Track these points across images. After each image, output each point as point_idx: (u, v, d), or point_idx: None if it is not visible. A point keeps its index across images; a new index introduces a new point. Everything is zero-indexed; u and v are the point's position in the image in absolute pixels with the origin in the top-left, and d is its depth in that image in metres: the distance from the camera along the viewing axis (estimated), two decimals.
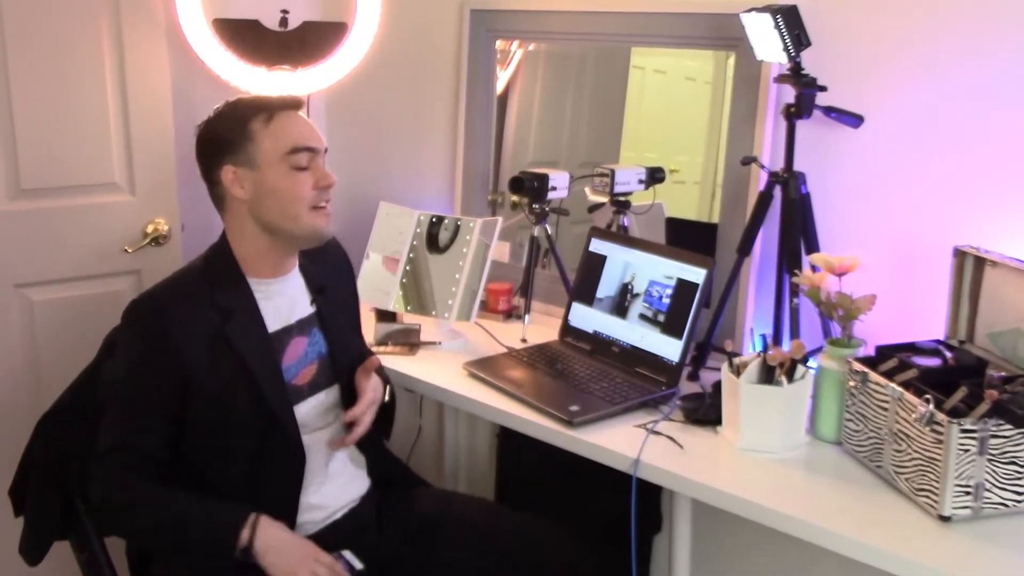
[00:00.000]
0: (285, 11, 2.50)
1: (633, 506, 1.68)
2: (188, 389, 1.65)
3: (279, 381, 1.72)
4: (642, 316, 2.02)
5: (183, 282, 1.73)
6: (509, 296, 2.43)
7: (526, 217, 2.34)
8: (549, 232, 2.34)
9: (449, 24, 2.61)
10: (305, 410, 1.77)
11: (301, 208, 1.69)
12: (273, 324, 1.74)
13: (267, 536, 1.59)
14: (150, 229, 2.43)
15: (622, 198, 2.28)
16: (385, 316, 2.35)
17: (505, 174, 2.60)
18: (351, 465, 1.86)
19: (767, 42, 1.83)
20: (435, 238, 2.35)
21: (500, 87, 2.62)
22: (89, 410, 1.77)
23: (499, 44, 2.56)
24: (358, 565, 1.69)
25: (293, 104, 1.74)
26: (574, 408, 1.82)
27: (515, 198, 2.42)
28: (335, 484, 1.81)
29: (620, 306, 2.08)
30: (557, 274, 2.38)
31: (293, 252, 1.79)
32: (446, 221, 2.35)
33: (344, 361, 1.84)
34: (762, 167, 1.96)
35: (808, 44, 1.80)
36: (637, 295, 2.05)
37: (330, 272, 1.89)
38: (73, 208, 2.33)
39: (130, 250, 2.38)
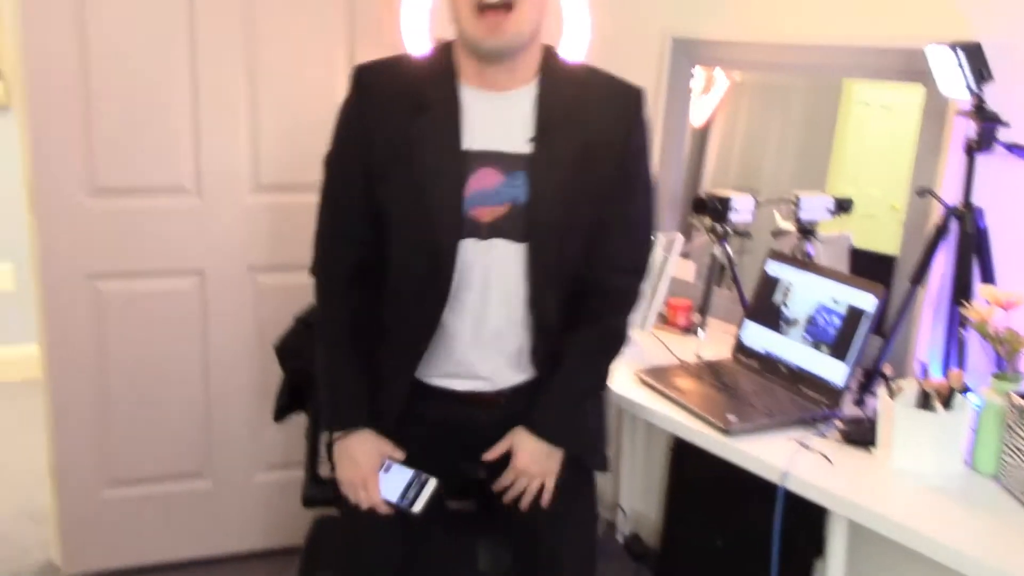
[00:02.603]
0: None
1: (778, 517, 1.75)
2: (371, 163, 1.63)
3: (455, 202, 1.59)
4: (811, 339, 2.07)
5: (405, 59, 1.69)
6: (688, 312, 2.52)
7: (708, 238, 2.43)
8: (730, 253, 2.42)
9: (651, 50, 2.74)
10: (474, 251, 1.62)
11: (463, 8, 1.53)
12: (471, 142, 1.60)
13: (346, 445, 1.71)
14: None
15: (808, 225, 2.33)
16: None
17: None
18: (514, 339, 1.69)
19: (950, 76, 1.85)
20: None
21: (703, 113, 2.72)
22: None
23: (700, 70, 2.67)
24: (417, 508, 1.69)
25: None
26: (732, 418, 1.90)
27: (699, 221, 2.52)
28: (483, 351, 1.69)
29: (791, 328, 2.13)
30: (736, 294, 2.46)
31: (482, 62, 1.59)
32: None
33: (544, 221, 1.61)
34: (938, 200, 1.98)
35: (990, 79, 1.81)
36: (808, 318, 2.10)
37: (596, 115, 1.63)
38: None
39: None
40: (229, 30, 2.48)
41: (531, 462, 1.71)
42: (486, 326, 1.67)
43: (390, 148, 1.61)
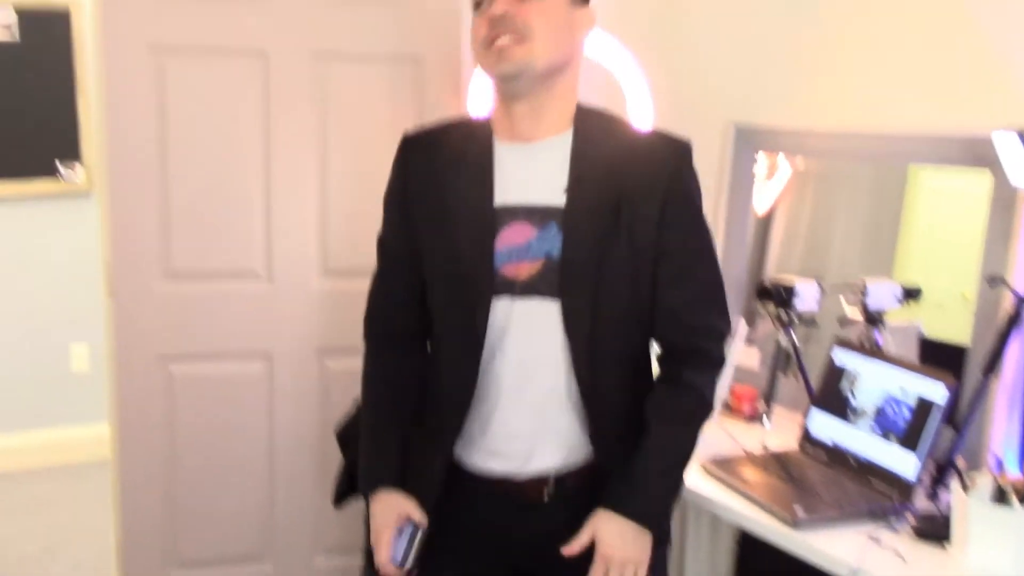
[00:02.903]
0: None
1: None
2: (413, 229, 1.65)
3: (486, 259, 1.56)
4: (880, 430, 2.03)
5: (450, 123, 1.70)
6: (753, 400, 2.49)
7: (773, 325, 2.41)
8: (795, 340, 2.39)
9: (714, 139, 2.76)
10: (508, 311, 1.57)
11: (477, 49, 1.55)
12: (503, 196, 1.57)
13: (371, 506, 1.68)
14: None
15: (876, 314, 2.30)
16: None
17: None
18: (559, 412, 1.60)
19: (1018, 163, 1.83)
20: None
21: (766, 199, 2.72)
22: None
23: (763, 157, 2.68)
24: (407, 563, 1.64)
25: None
26: (799, 510, 1.85)
27: (763, 308, 2.50)
28: (524, 423, 1.60)
29: (859, 418, 2.09)
30: (802, 382, 2.42)
31: (508, 105, 1.57)
32: None
33: (577, 276, 1.54)
34: (1010, 288, 1.94)
35: None
36: (877, 408, 2.06)
37: (635, 167, 1.57)
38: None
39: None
40: (302, 120, 2.57)
41: (620, 548, 1.54)
42: (526, 394, 1.59)
43: (427, 211, 1.62)
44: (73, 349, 4.25)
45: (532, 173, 1.57)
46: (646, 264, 1.57)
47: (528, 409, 1.60)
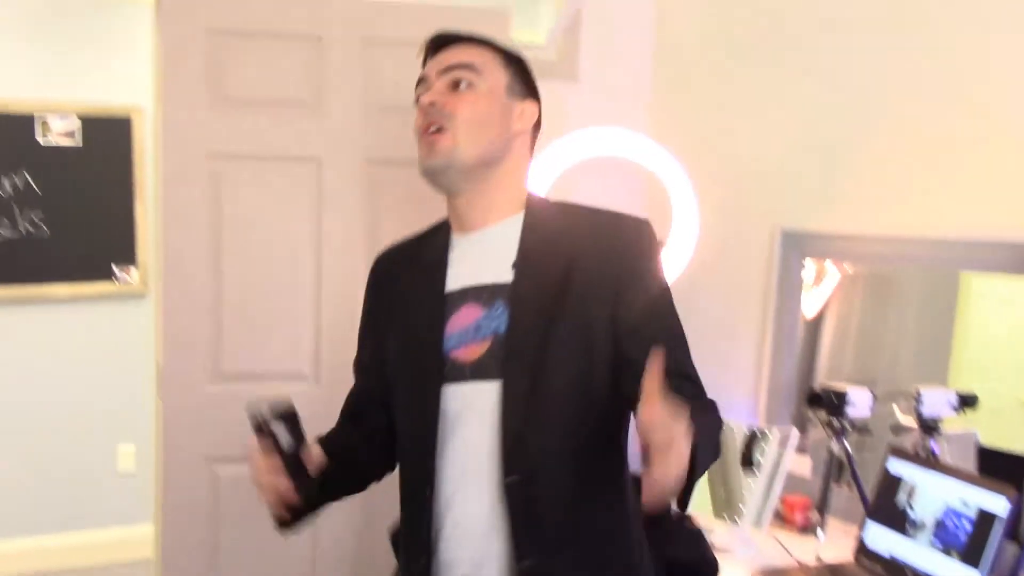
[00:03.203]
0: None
1: None
2: (376, 325, 1.67)
3: (435, 344, 1.51)
4: (940, 544, 1.96)
5: (419, 233, 1.71)
6: (806, 510, 2.43)
7: (824, 432, 2.37)
8: (848, 449, 2.34)
9: (761, 244, 2.76)
10: (459, 396, 1.50)
11: (416, 139, 1.55)
12: (455, 283, 1.55)
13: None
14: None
15: (931, 422, 2.25)
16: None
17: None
18: (482, 509, 1.49)
19: None
20: (750, 450, 2.42)
21: (814, 306, 2.70)
22: None
23: (811, 262, 2.67)
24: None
25: (447, 40, 1.59)
26: None
27: (814, 415, 2.45)
28: (474, 522, 1.49)
29: (917, 531, 2.03)
30: (856, 492, 2.36)
31: (450, 200, 1.58)
32: (764, 435, 2.41)
33: (520, 352, 1.47)
34: None
35: None
36: (936, 521, 1.99)
37: (586, 243, 1.52)
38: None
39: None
40: (352, 223, 2.62)
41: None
42: (472, 488, 1.50)
43: (388, 316, 1.63)
44: (120, 449, 4.28)
45: (483, 257, 1.55)
46: (601, 340, 1.48)
47: (476, 505, 1.49)
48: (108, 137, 4.18)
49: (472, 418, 1.49)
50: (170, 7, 2.51)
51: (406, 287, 1.61)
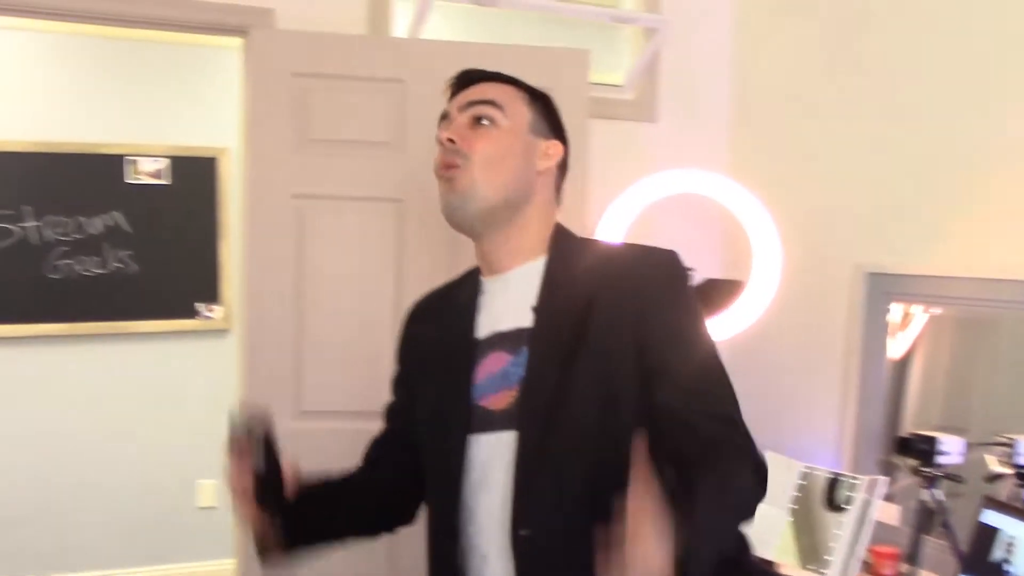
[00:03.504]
0: (691, 268, 2.76)
1: None
2: (407, 373, 1.61)
3: (459, 392, 1.44)
4: None
5: (455, 277, 1.64)
6: (895, 561, 2.35)
7: (915, 481, 2.29)
8: (940, 498, 2.26)
9: (844, 286, 2.71)
10: (486, 446, 1.42)
11: (437, 179, 1.49)
12: (483, 329, 1.48)
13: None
14: None
15: None
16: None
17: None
18: (498, 562, 1.39)
19: None
20: (833, 496, 2.36)
21: (900, 348, 2.64)
22: None
23: (898, 306, 2.60)
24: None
25: (474, 77, 1.54)
26: None
27: (902, 460, 2.38)
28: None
29: None
30: (948, 543, 2.27)
31: (477, 243, 1.51)
32: (845, 480, 2.36)
33: (536, 401, 1.38)
34: None
35: None
36: None
37: (606, 280, 1.42)
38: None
39: None
40: (434, 263, 2.63)
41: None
42: (495, 544, 1.41)
43: (420, 362, 1.57)
44: (201, 485, 4.35)
45: (508, 301, 1.47)
46: (625, 383, 1.36)
47: (496, 561, 1.40)
48: (194, 177, 4.29)
49: (497, 469, 1.40)
50: (258, 51, 2.57)
51: (437, 334, 1.54)
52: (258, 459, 1.46)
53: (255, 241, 2.59)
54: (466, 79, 1.54)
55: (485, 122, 1.46)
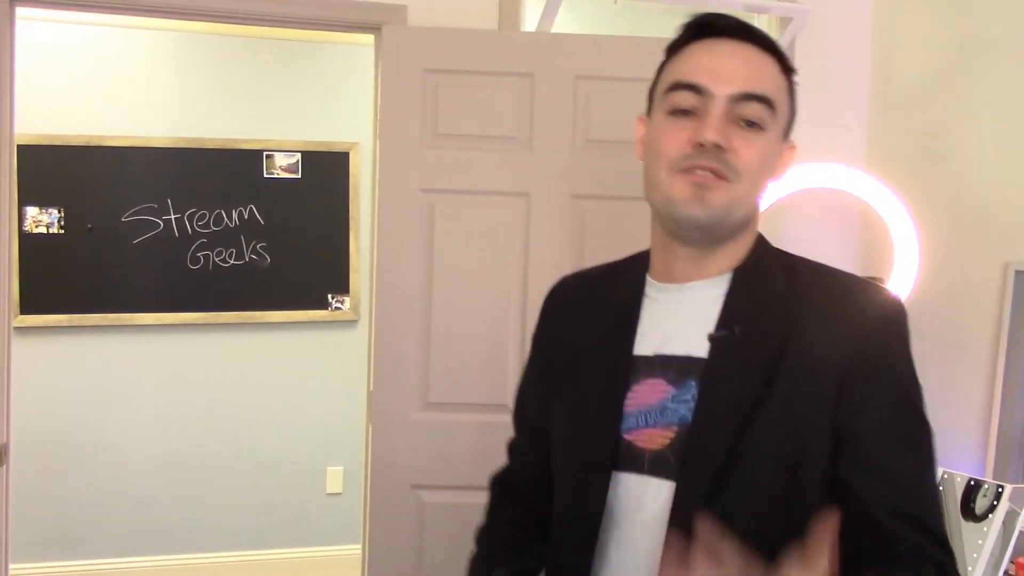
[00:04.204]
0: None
1: None
2: (544, 373, 1.37)
3: (606, 419, 1.23)
4: None
5: (609, 264, 1.41)
6: None
7: None
8: None
9: (990, 283, 2.58)
10: (630, 490, 1.21)
11: (660, 168, 1.18)
12: (643, 345, 1.24)
13: None
14: None
15: None
16: None
17: None
18: None
19: None
20: (971, 503, 2.26)
21: None
22: None
23: None
24: None
25: (721, 29, 1.21)
26: None
27: None
28: None
29: None
30: None
31: (674, 242, 1.23)
32: (985, 487, 2.26)
33: (705, 455, 1.15)
34: None
35: None
36: None
37: (811, 316, 1.18)
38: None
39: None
40: (560, 257, 2.62)
41: None
42: None
43: (561, 365, 1.32)
44: (330, 472, 4.46)
45: (679, 318, 1.24)
46: (816, 446, 1.14)
47: None
48: (326, 171, 4.39)
49: (641, 519, 1.20)
50: (390, 48, 2.61)
51: (585, 334, 1.30)
52: None
53: (385, 235, 2.63)
54: (719, 27, 1.21)
55: (755, 123, 1.18)
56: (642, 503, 1.20)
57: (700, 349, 1.20)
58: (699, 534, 1.00)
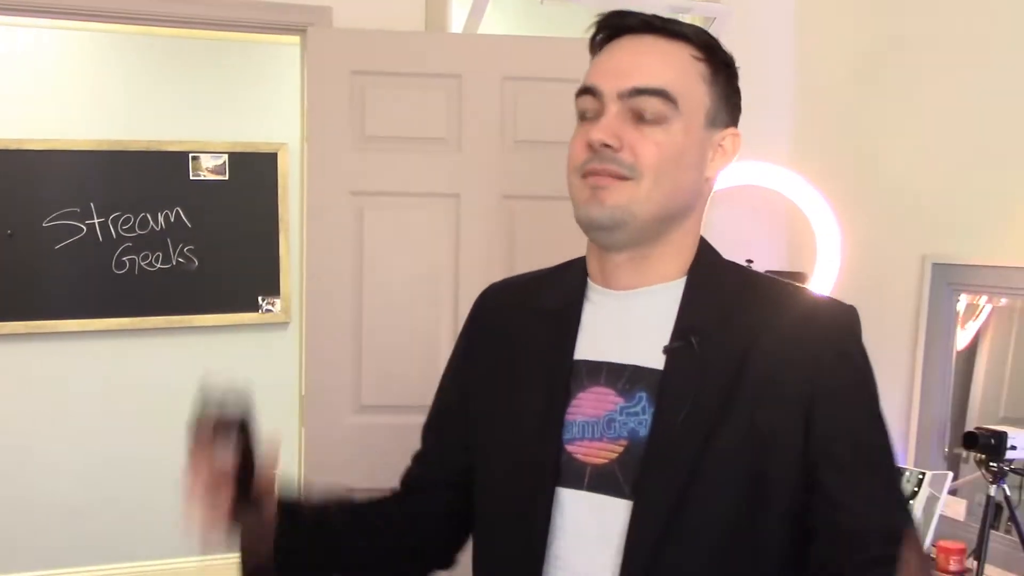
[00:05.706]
0: (750, 260, 2.73)
1: None
2: (468, 377, 1.30)
3: (547, 430, 1.15)
4: None
5: (544, 270, 1.34)
6: (961, 556, 2.31)
7: (982, 475, 2.25)
8: (1007, 493, 2.22)
9: (909, 276, 2.66)
10: (573, 507, 1.13)
11: (570, 174, 1.16)
12: (586, 350, 1.18)
13: None
14: None
15: None
16: None
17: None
18: None
19: None
20: None
21: (966, 340, 2.58)
22: None
23: (965, 298, 2.55)
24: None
25: (626, 28, 1.17)
26: None
27: (968, 454, 2.34)
28: None
29: None
30: (1017, 539, 2.23)
31: (605, 254, 1.19)
32: (907, 474, 2.33)
33: (668, 474, 1.09)
34: None
35: None
36: None
37: (771, 331, 1.14)
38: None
39: None
40: (490, 258, 2.64)
41: None
42: None
43: (490, 374, 1.25)
44: None
45: (628, 326, 1.17)
46: (780, 463, 1.10)
47: None
48: (254, 172, 4.35)
49: (587, 541, 1.12)
50: (316, 50, 2.60)
51: (519, 338, 1.23)
52: (234, 448, 1.18)
53: (314, 238, 2.62)
54: (621, 26, 1.17)
55: (651, 118, 1.12)
56: (581, 523, 1.12)
57: (651, 359, 1.14)
58: None
